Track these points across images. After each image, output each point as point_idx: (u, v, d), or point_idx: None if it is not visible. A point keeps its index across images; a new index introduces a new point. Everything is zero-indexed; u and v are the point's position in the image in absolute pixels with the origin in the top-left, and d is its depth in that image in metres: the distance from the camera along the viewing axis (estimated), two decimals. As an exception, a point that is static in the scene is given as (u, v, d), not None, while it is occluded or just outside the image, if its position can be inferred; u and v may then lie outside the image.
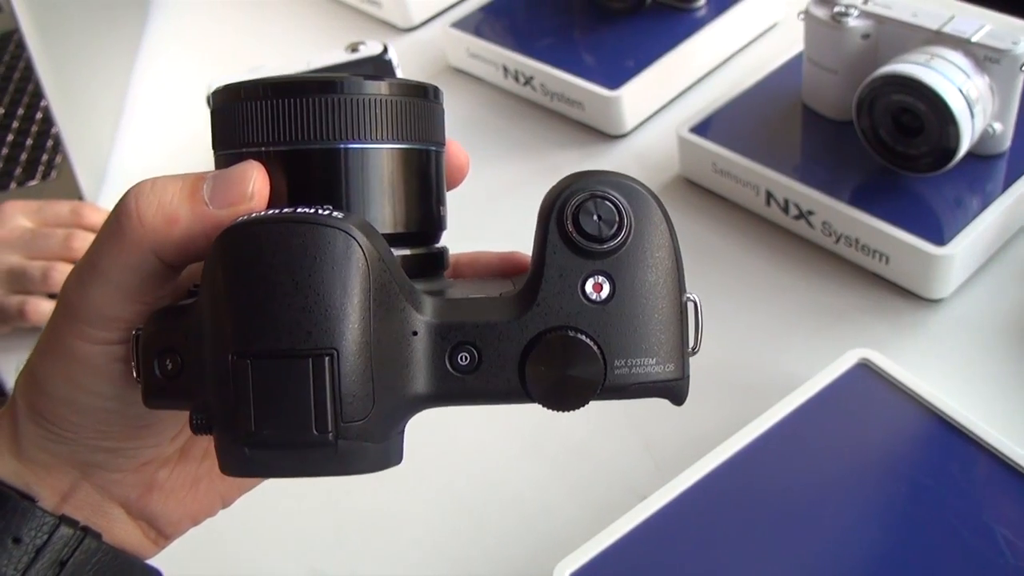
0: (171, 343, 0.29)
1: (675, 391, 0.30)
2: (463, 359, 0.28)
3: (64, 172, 0.86)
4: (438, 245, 0.33)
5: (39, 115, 0.95)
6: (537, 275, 0.29)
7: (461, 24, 0.87)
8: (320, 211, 0.28)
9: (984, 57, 0.58)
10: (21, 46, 0.99)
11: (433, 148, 0.32)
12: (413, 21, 0.96)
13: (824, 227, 0.63)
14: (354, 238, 0.27)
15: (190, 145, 0.87)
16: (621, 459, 0.56)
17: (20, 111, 0.96)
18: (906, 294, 0.60)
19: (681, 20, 0.80)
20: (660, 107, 0.79)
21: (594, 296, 0.28)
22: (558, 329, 0.28)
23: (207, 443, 0.35)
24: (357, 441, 0.27)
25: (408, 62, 0.82)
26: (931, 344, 0.58)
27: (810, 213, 0.63)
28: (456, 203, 0.35)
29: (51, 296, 0.70)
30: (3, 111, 0.97)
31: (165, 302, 0.31)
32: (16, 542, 0.31)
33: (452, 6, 0.96)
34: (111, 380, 0.31)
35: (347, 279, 0.27)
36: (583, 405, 0.29)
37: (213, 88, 0.78)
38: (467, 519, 0.55)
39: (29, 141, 0.92)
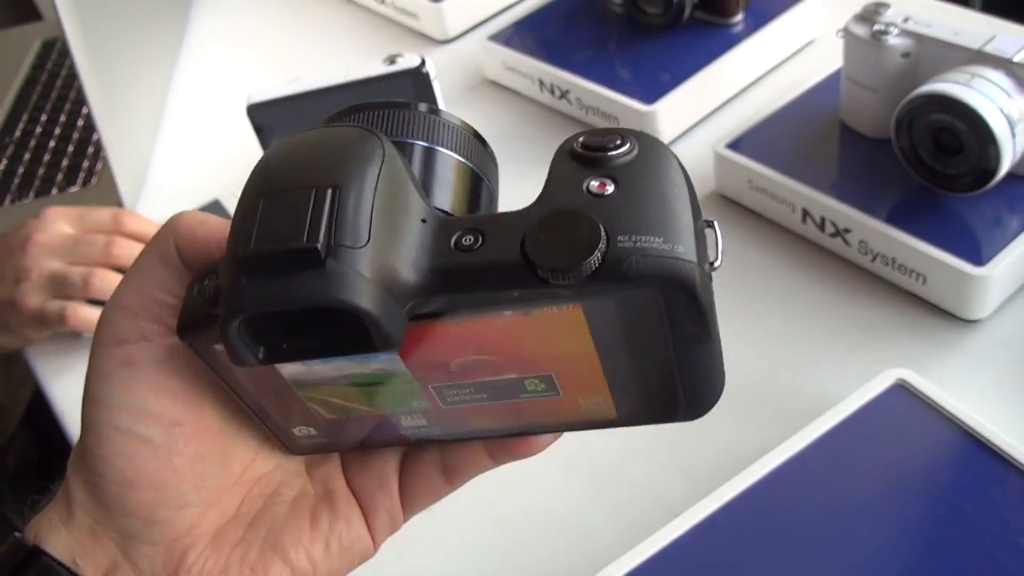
0: (210, 270, 0.31)
1: (688, 275, 0.26)
2: (467, 240, 0.28)
3: (104, 178, 0.87)
4: None
5: (81, 122, 0.97)
6: (544, 187, 0.29)
7: (498, 37, 0.87)
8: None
9: (1026, 77, 0.58)
10: (65, 53, 1.01)
11: (486, 181, 0.34)
12: (450, 33, 0.97)
13: (861, 245, 0.62)
14: (378, 136, 0.30)
15: (229, 153, 0.89)
16: (656, 476, 0.56)
17: (62, 118, 0.98)
18: (944, 314, 0.60)
19: (718, 35, 0.80)
20: (696, 122, 0.79)
21: (598, 191, 0.28)
22: (560, 209, 0.28)
23: (241, 531, 0.35)
24: (349, 267, 0.27)
25: (445, 74, 0.82)
26: (969, 365, 0.57)
27: (847, 231, 0.63)
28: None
29: (91, 302, 0.71)
30: (45, 117, 0.99)
31: None
32: None
33: (489, 19, 0.97)
34: (137, 383, 0.32)
35: (364, 150, 0.29)
36: (583, 272, 0.26)
37: (252, 99, 0.79)
38: (502, 535, 0.55)
39: (71, 148, 0.94)
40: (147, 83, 0.96)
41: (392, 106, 0.33)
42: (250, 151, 0.82)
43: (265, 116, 0.78)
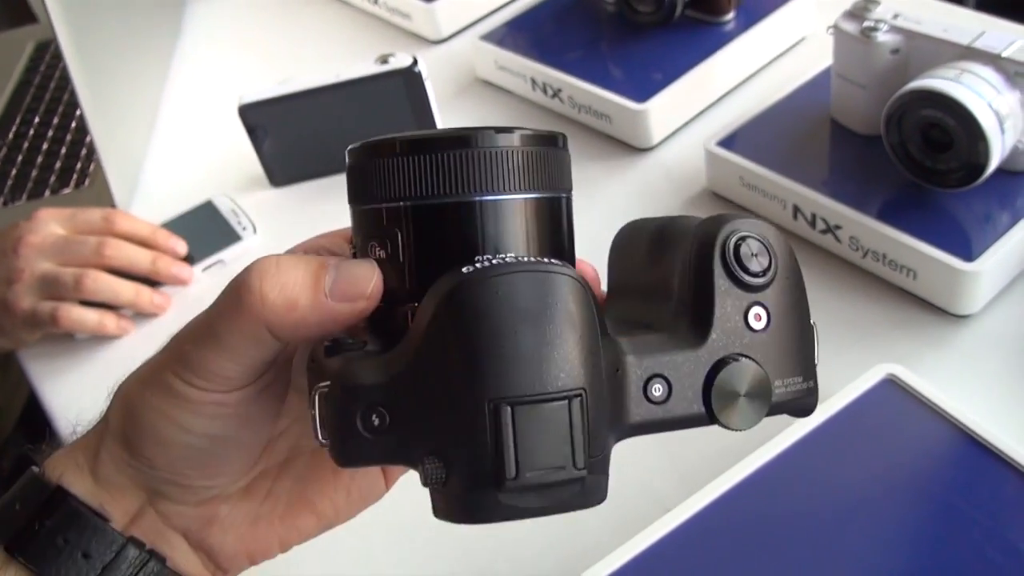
0: (374, 399, 0.29)
1: (812, 403, 0.34)
2: (656, 390, 0.31)
3: (98, 180, 0.87)
4: None
5: (74, 124, 0.97)
6: (707, 306, 0.31)
7: (490, 36, 0.87)
8: (530, 259, 0.30)
9: (1015, 73, 0.58)
10: (58, 56, 1.01)
11: (563, 195, 0.33)
12: (442, 33, 0.97)
13: (852, 242, 0.63)
14: (579, 282, 0.29)
15: (221, 155, 0.89)
16: (646, 471, 0.56)
17: (56, 120, 0.98)
18: (934, 309, 0.60)
19: (709, 34, 0.81)
20: (687, 120, 0.79)
21: (755, 325, 0.32)
22: (733, 357, 0.31)
23: (269, 484, 0.37)
24: (597, 475, 0.29)
25: (437, 74, 0.82)
26: (959, 360, 0.57)
27: (837, 228, 0.63)
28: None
29: (83, 303, 0.71)
30: (38, 120, 0.99)
31: (269, 368, 0.34)
32: (86, 557, 0.33)
33: (481, 19, 0.97)
34: (204, 418, 0.33)
35: (583, 321, 0.29)
36: (757, 423, 0.31)
37: (244, 100, 0.78)
38: (488, 529, 0.55)
39: (64, 150, 0.94)
40: (141, 85, 0.96)
41: (450, 144, 0.31)
42: (243, 151, 0.83)
43: (257, 116, 0.79)
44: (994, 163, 0.58)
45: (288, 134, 0.80)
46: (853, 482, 0.50)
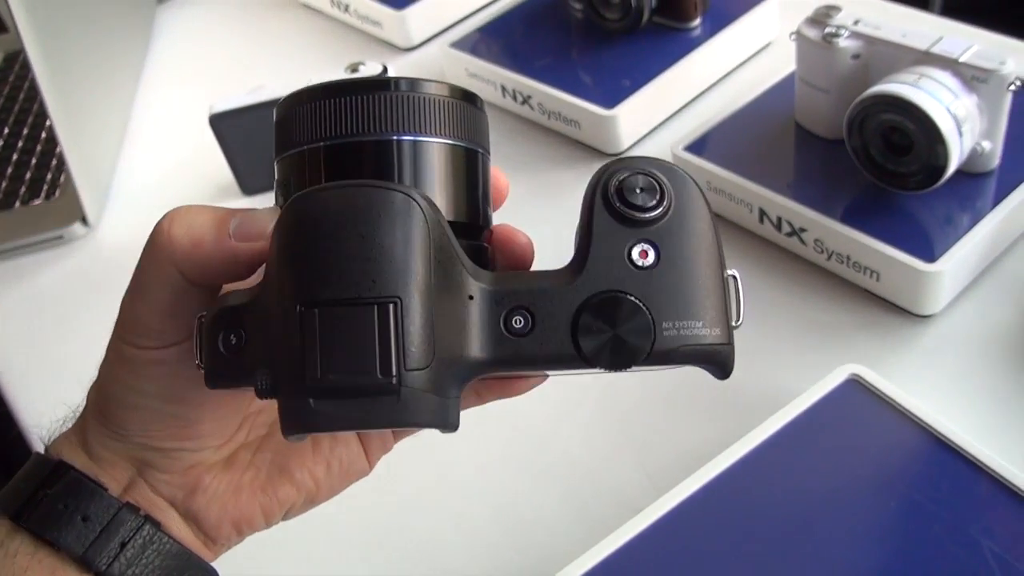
0: (234, 320, 0.30)
1: (722, 357, 0.31)
2: (517, 322, 0.30)
3: (68, 191, 0.87)
4: (484, 243, 0.34)
5: (43, 135, 0.96)
6: (585, 244, 0.30)
7: (460, 44, 0.88)
8: (382, 183, 0.30)
9: (972, 77, 0.59)
10: (26, 66, 1.00)
11: (480, 151, 0.34)
12: (413, 41, 0.97)
13: (816, 244, 0.64)
14: (415, 200, 0.29)
15: (193, 164, 0.89)
16: (615, 473, 0.56)
17: (25, 130, 0.98)
18: (897, 310, 0.61)
19: (677, 40, 0.82)
20: (656, 126, 0.80)
21: (640, 262, 0.30)
22: (608, 292, 0.30)
23: (250, 455, 0.38)
24: (419, 390, 0.28)
25: (407, 82, 0.83)
26: (921, 360, 0.58)
27: (802, 230, 0.64)
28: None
29: None
30: (8, 131, 0.98)
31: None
32: (85, 520, 0.34)
33: (451, 26, 0.98)
34: (152, 380, 0.34)
35: (409, 234, 0.28)
36: (633, 364, 0.30)
37: (214, 109, 0.79)
38: (460, 533, 0.56)
39: (33, 160, 0.93)
40: (111, 95, 0.96)
41: (369, 87, 0.31)
42: (214, 160, 0.83)
43: (227, 126, 0.79)
44: (953, 165, 0.59)
45: (259, 143, 0.80)
46: (819, 481, 0.51)
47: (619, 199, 0.30)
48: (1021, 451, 0.51)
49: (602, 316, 0.29)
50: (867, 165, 0.63)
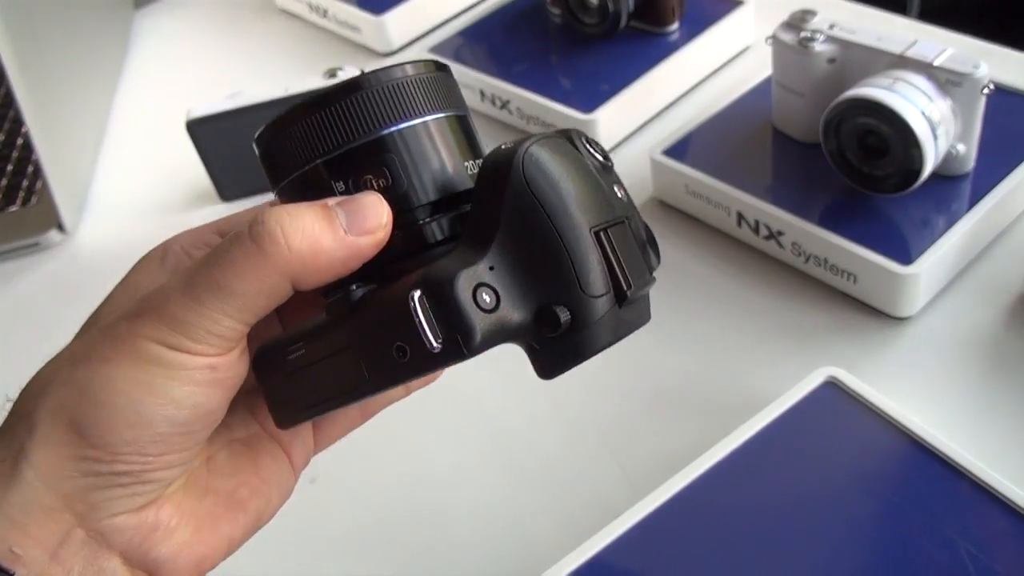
0: (479, 279, 0.30)
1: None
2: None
3: (44, 198, 0.87)
4: None
5: (19, 140, 0.95)
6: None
7: (439, 49, 0.88)
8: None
9: (946, 80, 0.59)
10: (1, 72, 1.00)
11: (465, 113, 0.34)
12: (392, 46, 0.97)
13: (794, 247, 0.64)
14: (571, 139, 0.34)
15: (170, 170, 0.88)
16: (595, 477, 0.56)
17: (1, 137, 0.97)
18: (874, 312, 0.61)
19: (654, 44, 0.82)
20: (634, 130, 0.80)
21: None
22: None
23: (206, 478, 0.35)
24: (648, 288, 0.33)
25: (386, 87, 0.83)
26: (898, 361, 0.59)
27: (780, 234, 0.64)
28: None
29: None
30: (-16, 137, 0.97)
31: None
32: None
33: (431, 31, 0.98)
34: (191, 385, 0.31)
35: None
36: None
37: (192, 115, 0.78)
38: (440, 537, 0.56)
39: (9, 167, 0.92)
40: (88, 101, 0.95)
41: (345, 92, 0.31)
42: (192, 166, 0.82)
43: (205, 131, 0.78)
44: (928, 168, 0.59)
45: (237, 149, 0.80)
46: (797, 484, 0.51)
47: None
48: (996, 452, 0.52)
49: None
50: (843, 168, 0.63)
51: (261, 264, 0.30)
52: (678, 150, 0.71)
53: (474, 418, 0.61)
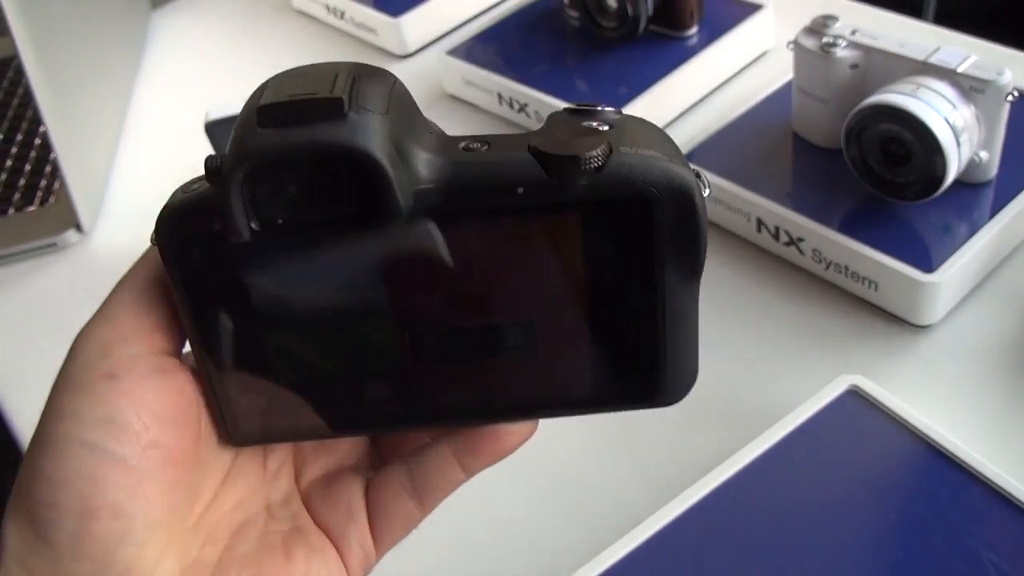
0: (197, 179, 0.31)
1: (688, 181, 0.28)
2: (474, 145, 0.29)
3: (62, 198, 0.87)
4: None
5: (38, 141, 0.96)
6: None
7: (456, 52, 0.88)
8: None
9: (970, 87, 0.59)
10: (20, 72, 1.00)
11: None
12: (409, 48, 0.97)
13: (814, 254, 0.63)
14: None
15: (187, 171, 0.88)
16: (615, 484, 0.56)
17: (19, 136, 0.97)
18: (895, 320, 0.61)
19: (673, 48, 0.82)
20: (652, 134, 0.80)
21: (597, 127, 0.29)
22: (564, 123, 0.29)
23: (208, 573, 0.32)
24: (370, 122, 0.27)
25: (404, 89, 0.83)
26: (920, 370, 0.58)
27: (800, 240, 0.64)
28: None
29: None
30: (2, 136, 0.98)
31: None
32: None
33: (447, 33, 0.98)
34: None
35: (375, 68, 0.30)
36: (592, 151, 0.27)
37: (210, 116, 0.78)
38: (459, 547, 0.55)
39: (27, 167, 0.93)
40: (105, 101, 0.95)
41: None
42: (209, 168, 0.82)
43: (223, 133, 0.78)
44: (951, 176, 0.59)
45: (255, 150, 0.80)
46: (818, 493, 0.51)
47: (575, 105, 0.31)
48: (1021, 462, 0.51)
49: (558, 134, 0.29)
50: (865, 175, 0.63)
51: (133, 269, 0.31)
52: (697, 155, 0.71)
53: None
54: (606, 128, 0.29)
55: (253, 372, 0.31)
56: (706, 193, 0.29)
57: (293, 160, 0.27)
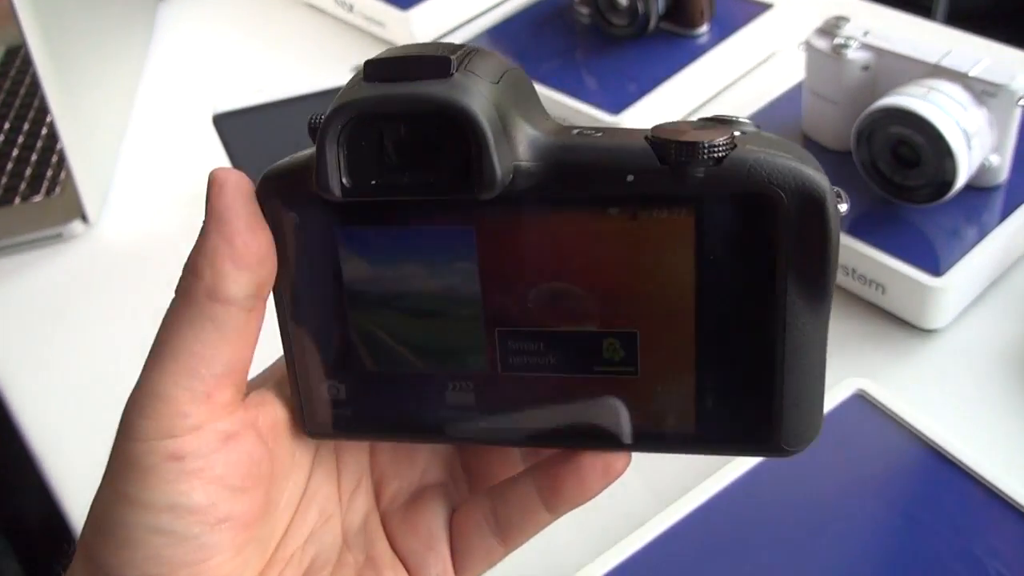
0: None
1: (819, 184, 0.25)
2: (589, 131, 0.27)
3: (68, 188, 0.87)
4: None
5: (44, 130, 0.96)
6: None
7: (465, 47, 0.88)
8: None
9: (982, 91, 0.59)
10: (27, 61, 1.00)
11: None
12: (417, 42, 0.97)
13: (822, 256, 0.63)
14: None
15: (193, 163, 0.88)
16: (618, 486, 0.56)
17: (26, 126, 0.97)
18: (903, 324, 0.61)
19: (683, 46, 0.81)
20: (661, 132, 0.79)
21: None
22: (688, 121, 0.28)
23: None
24: (475, 85, 0.26)
25: (412, 84, 0.82)
26: (927, 374, 0.58)
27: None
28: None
29: None
30: (9, 126, 0.98)
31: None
32: None
33: (457, 27, 0.97)
34: (161, 482, 0.28)
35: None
36: (714, 140, 0.25)
37: (218, 109, 0.78)
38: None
39: (34, 156, 0.93)
40: (112, 91, 0.95)
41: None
42: (216, 162, 0.82)
43: (231, 126, 0.78)
44: (962, 180, 0.58)
45: (263, 144, 0.79)
46: (823, 495, 0.51)
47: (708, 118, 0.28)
48: (1026, 469, 0.51)
49: (681, 127, 0.26)
50: (874, 178, 0.62)
51: (179, 306, 0.28)
52: (706, 155, 0.71)
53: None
54: (737, 134, 0.26)
55: (337, 357, 0.30)
56: (843, 209, 0.26)
57: (390, 114, 0.26)
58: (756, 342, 0.27)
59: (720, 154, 0.25)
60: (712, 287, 0.26)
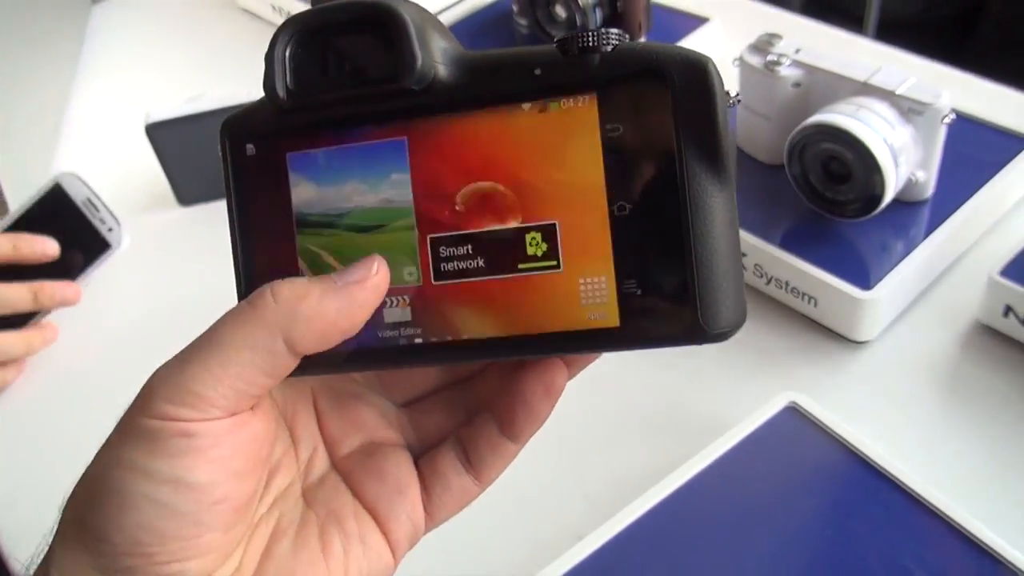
0: None
1: (703, 60, 0.28)
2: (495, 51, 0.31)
3: (-4, 198, 0.84)
4: None
5: (-29, 138, 0.93)
6: None
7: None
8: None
9: (908, 109, 0.60)
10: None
11: None
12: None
13: (756, 269, 0.64)
14: None
15: (127, 172, 0.86)
16: (557, 500, 0.56)
17: (-49, 133, 0.94)
18: (834, 336, 0.62)
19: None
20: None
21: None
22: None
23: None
24: None
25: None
26: (857, 385, 0.59)
27: (743, 255, 0.65)
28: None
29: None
30: (-67, 132, 0.95)
31: (261, 399, 0.31)
32: None
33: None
34: (169, 457, 0.29)
35: None
36: (608, 33, 0.29)
37: (151, 118, 0.77)
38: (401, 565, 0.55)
39: (-40, 165, 0.90)
40: (42, 98, 0.93)
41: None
42: (150, 170, 0.81)
43: (164, 135, 0.77)
44: (890, 194, 0.60)
45: (197, 153, 0.78)
46: (757, 508, 0.51)
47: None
48: (952, 478, 0.53)
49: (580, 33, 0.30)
50: (807, 192, 0.64)
51: (248, 317, 0.29)
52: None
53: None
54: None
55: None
56: (734, 96, 0.29)
57: (327, 23, 0.31)
58: (665, 222, 0.28)
59: (614, 42, 0.29)
60: (619, 170, 0.29)
